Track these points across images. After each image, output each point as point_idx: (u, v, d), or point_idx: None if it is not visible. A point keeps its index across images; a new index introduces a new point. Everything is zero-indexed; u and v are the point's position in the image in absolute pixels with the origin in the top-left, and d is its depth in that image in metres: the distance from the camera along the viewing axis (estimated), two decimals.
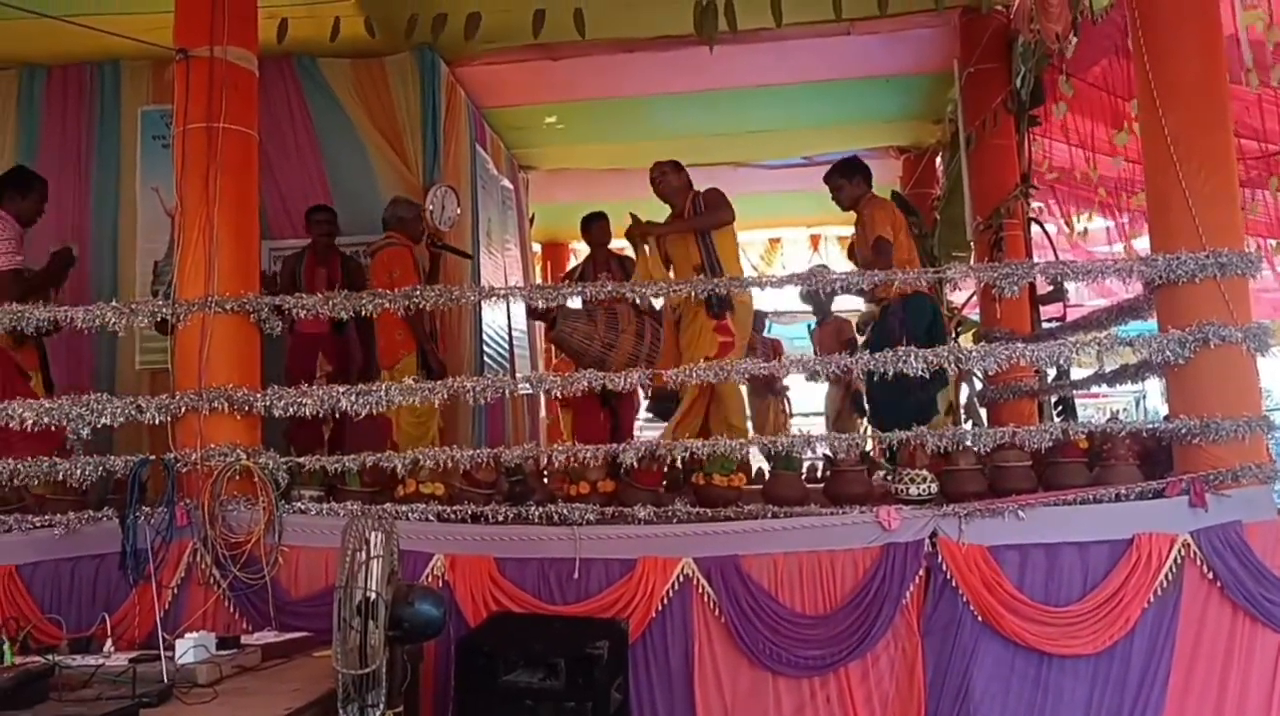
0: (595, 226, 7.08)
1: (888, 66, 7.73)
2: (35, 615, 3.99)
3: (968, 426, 6.34)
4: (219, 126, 4.35)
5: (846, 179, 5.90)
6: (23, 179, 5.47)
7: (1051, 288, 6.28)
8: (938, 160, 9.16)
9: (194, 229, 4.33)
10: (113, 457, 4.27)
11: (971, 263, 6.82)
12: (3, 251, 5.06)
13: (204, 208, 4.31)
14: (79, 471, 4.17)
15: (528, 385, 4.74)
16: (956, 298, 8.25)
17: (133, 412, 4.23)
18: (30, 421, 4.15)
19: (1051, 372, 6.07)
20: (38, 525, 4.20)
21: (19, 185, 5.40)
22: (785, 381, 9.59)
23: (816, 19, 6.00)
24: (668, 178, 5.96)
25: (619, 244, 6.88)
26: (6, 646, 3.11)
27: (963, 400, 7.26)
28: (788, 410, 9.73)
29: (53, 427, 4.21)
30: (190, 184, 4.36)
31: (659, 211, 6.11)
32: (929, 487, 4.22)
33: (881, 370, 4.16)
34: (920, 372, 4.14)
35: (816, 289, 5.00)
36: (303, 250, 6.32)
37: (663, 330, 6.09)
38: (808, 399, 10.30)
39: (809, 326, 9.89)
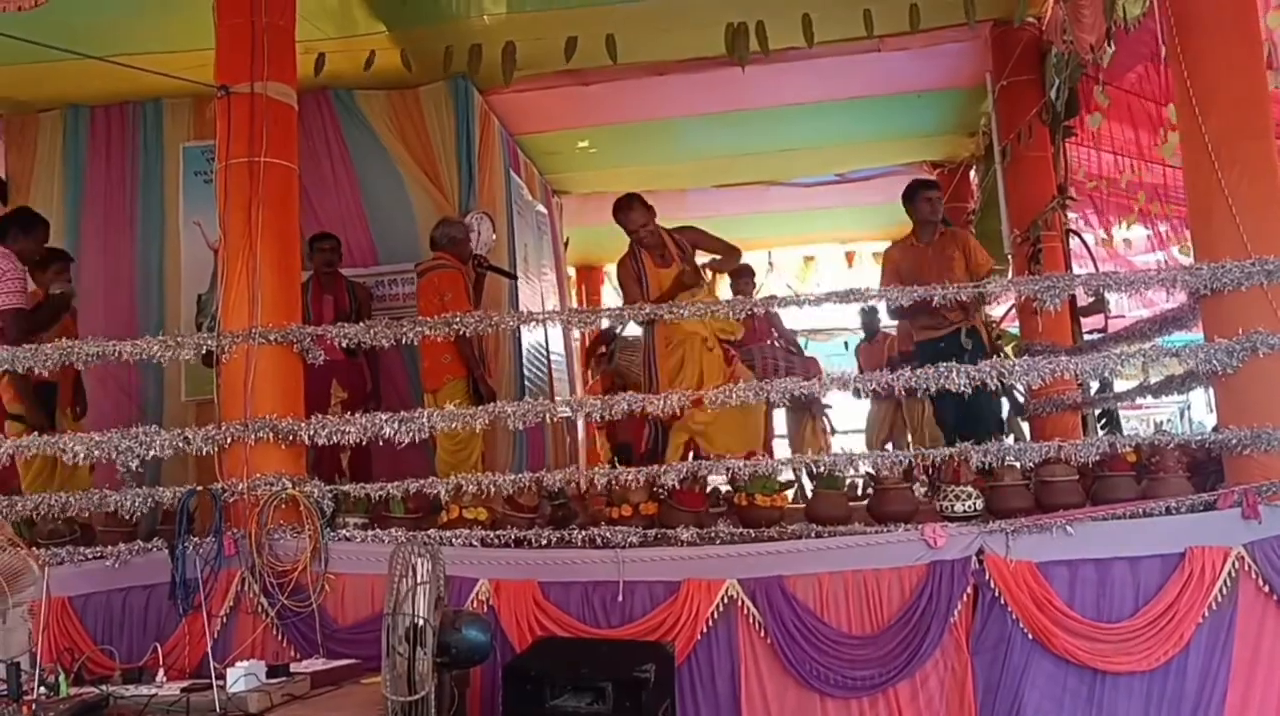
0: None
1: (919, 82, 7.72)
2: (89, 646, 4.05)
3: (1009, 441, 6.29)
4: (260, 161, 4.43)
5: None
6: (27, 218, 5.60)
7: (1092, 299, 6.21)
8: (972, 174, 9.12)
9: (237, 262, 4.40)
10: (161, 489, 4.34)
11: (1010, 276, 6.76)
12: (5, 290, 5.14)
13: (247, 241, 4.38)
14: (129, 503, 4.24)
15: (568, 409, 4.76)
16: (995, 312, 8.18)
17: (180, 444, 4.30)
18: (81, 454, 4.22)
19: (1094, 385, 6.00)
20: (89, 557, 4.28)
21: (23, 224, 5.51)
22: (827, 399, 9.52)
23: (847, 37, 5.99)
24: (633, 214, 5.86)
25: None
26: (62, 677, 3.15)
27: (1003, 414, 7.20)
28: (828, 428, 9.67)
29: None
30: (233, 218, 4.45)
31: None
32: (974, 504, 4.18)
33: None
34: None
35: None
36: (307, 280, 6.37)
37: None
38: (851, 416, 10.21)
39: (847, 343, 9.85)
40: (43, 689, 3.05)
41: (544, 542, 4.19)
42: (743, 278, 8.23)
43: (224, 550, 4.11)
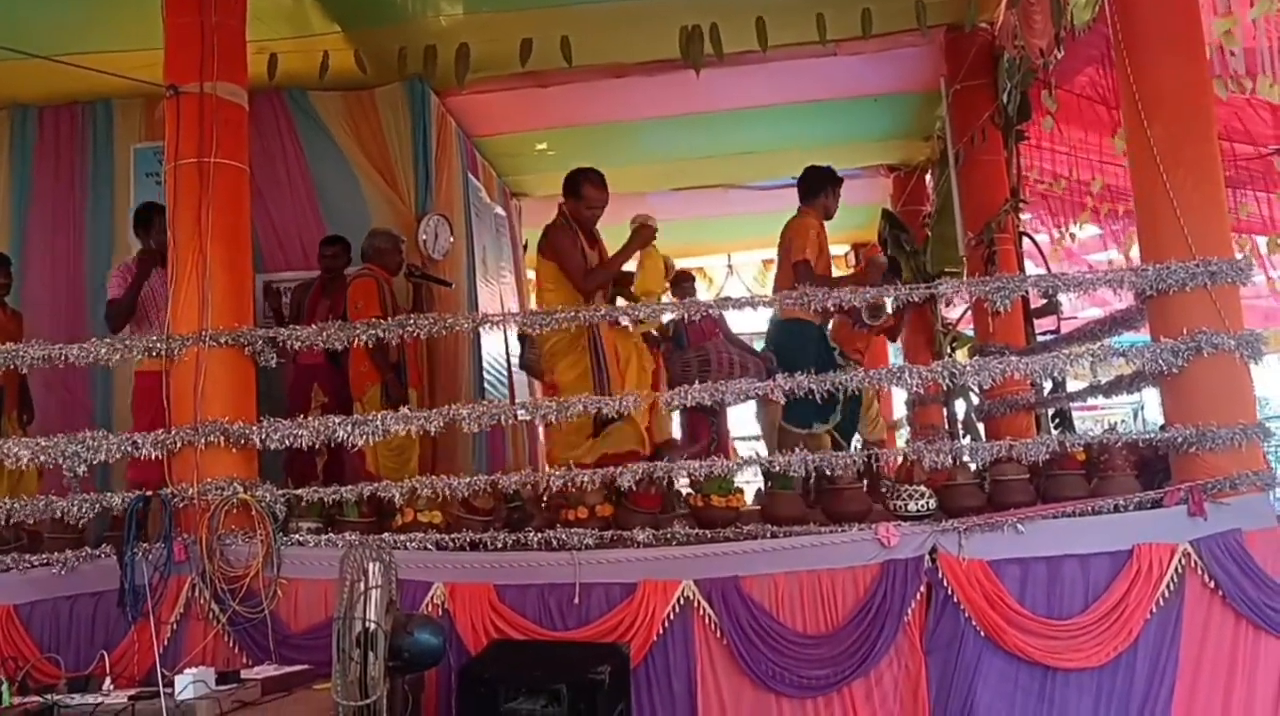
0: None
1: (875, 86, 7.78)
2: (34, 654, 3.97)
3: (966, 441, 6.36)
4: (210, 161, 4.37)
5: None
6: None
7: (1045, 300, 6.30)
8: (928, 177, 9.21)
9: (187, 264, 4.34)
10: (110, 494, 4.27)
11: (964, 278, 6.83)
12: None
13: (196, 242, 4.32)
14: (76, 508, 4.16)
15: (524, 411, 4.75)
16: (951, 313, 8.28)
17: (129, 449, 4.23)
18: (26, 459, 4.14)
19: (1048, 385, 6.08)
20: (36, 564, 4.20)
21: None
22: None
23: (801, 41, 6.03)
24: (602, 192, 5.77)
25: None
26: (5, 687, 3.09)
27: (959, 415, 7.28)
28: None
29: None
30: (182, 219, 4.38)
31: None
32: (927, 503, 4.23)
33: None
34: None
35: None
36: (312, 281, 6.34)
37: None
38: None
39: None
40: None
41: (500, 545, 4.17)
42: (684, 283, 8.20)
43: (174, 556, 4.05)
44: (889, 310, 7.50)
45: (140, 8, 5.11)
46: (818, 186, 5.91)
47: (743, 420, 9.24)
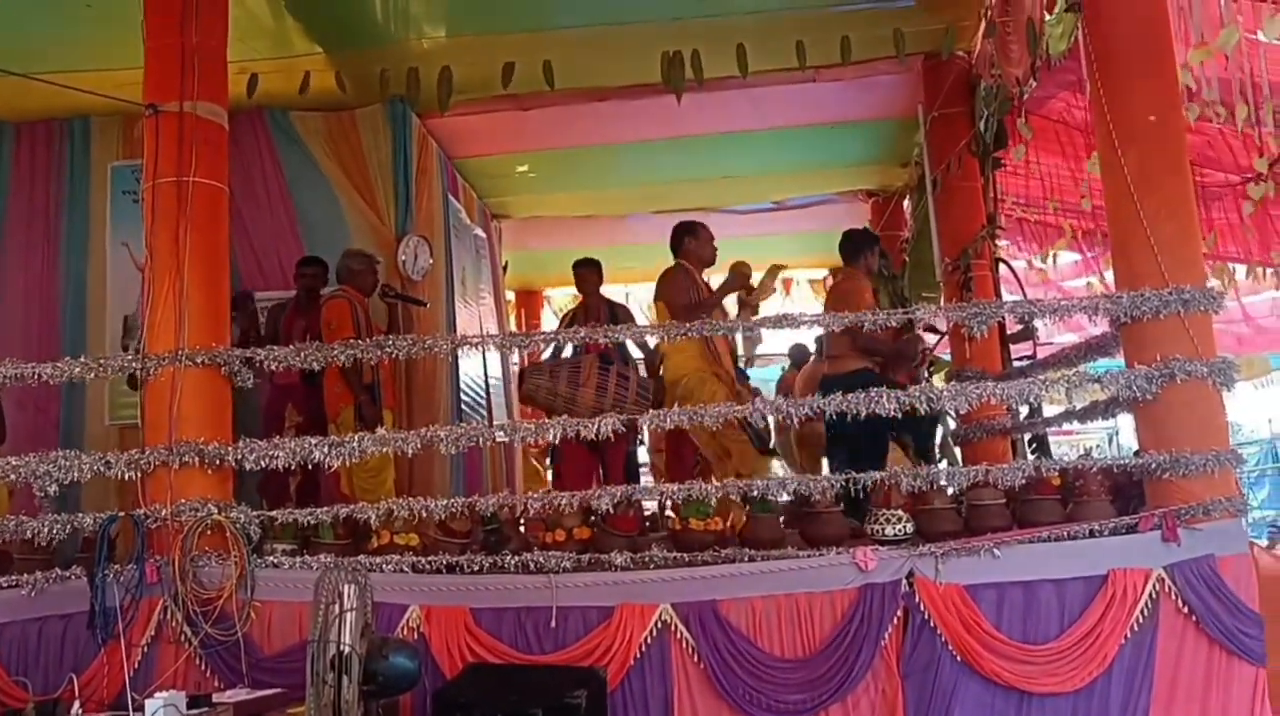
0: (581, 273, 7.08)
1: (853, 112, 7.86)
2: (1, 677, 3.91)
3: (943, 466, 6.38)
4: (189, 180, 4.36)
5: None
6: None
7: (1021, 326, 6.35)
8: (905, 203, 9.29)
9: (164, 283, 4.31)
10: (81, 515, 4.21)
11: (941, 303, 6.89)
12: None
13: (174, 261, 4.30)
14: (46, 529, 4.11)
15: (502, 433, 4.73)
16: (928, 338, 8.32)
17: (100, 468, 4.18)
18: None
19: (1024, 410, 6.12)
20: (4, 585, 4.14)
21: None
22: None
23: (781, 67, 6.08)
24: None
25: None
26: None
27: (937, 440, 7.30)
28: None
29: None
30: (160, 238, 4.36)
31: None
32: (905, 527, 4.23)
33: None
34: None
35: None
36: (288, 301, 6.31)
37: (629, 382, 6.06)
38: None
39: (782, 367, 9.93)
40: None
41: (476, 568, 4.15)
42: None
43: (145, 577, 4.00)
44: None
45: (120, 27, 5.09)
46: (862, 246, 6.09)
47: None
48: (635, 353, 6.98)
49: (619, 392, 6.08)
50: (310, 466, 4.41)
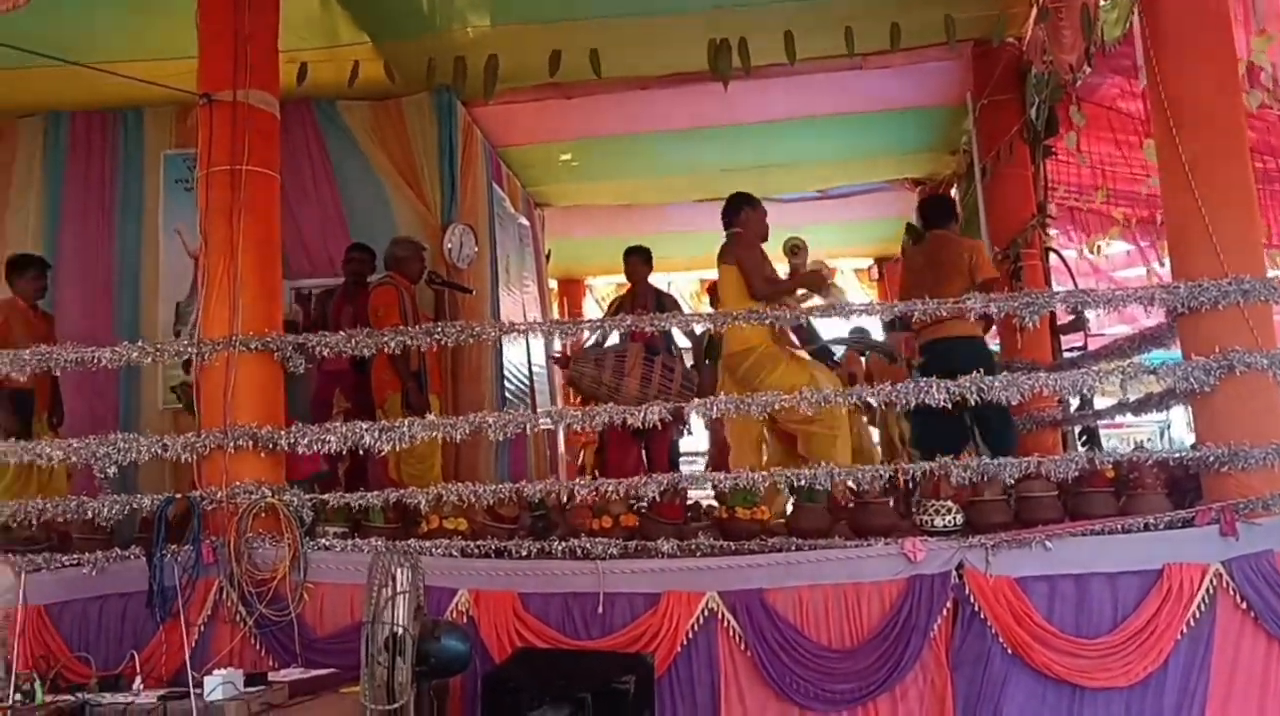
0: (631, 261, 7.10)
1: (901, 99, 7.78)
2: (64, 654, 4.00)
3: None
4: (242, 169, 4.42)
5: None
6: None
7: (1072, 316, 6.27)
8: (953, 191, 9.19)
9: (218, 269, 4.38)
10: (140, 496, 4.30)
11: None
12: None
13: (228, 249, 4.36)
14: (106, 509, 4.20)
15: (548, 420, 4.76)
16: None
17: (158, 450, 4.26)
18: (58, 459, 4.19)
19: (1074, 402, 6.05)
20: (66, 564, 4.24)
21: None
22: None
23: (829, 54, 6.04)
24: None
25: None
26: (38, 685, 3.12)
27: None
28: None
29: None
30: (214, 226, 4.43)
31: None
32: (954, 518, 4.20)
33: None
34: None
35: None
36: (336, 288, 6.38)
37: (674, 373, 6.07)
38: None
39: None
40: (18, 695, 3.01)
41: (524, 553, 4.18)
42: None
43: (202, 558, 4.07)
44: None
45: (174, 17, 5.17)
46: (953, 209, 6.08)
47: None
48: (682, 342, 6.96)
49: (664, 383, 6.10)
50: (360, 451, 4.46)
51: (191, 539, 4.09)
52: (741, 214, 5.61)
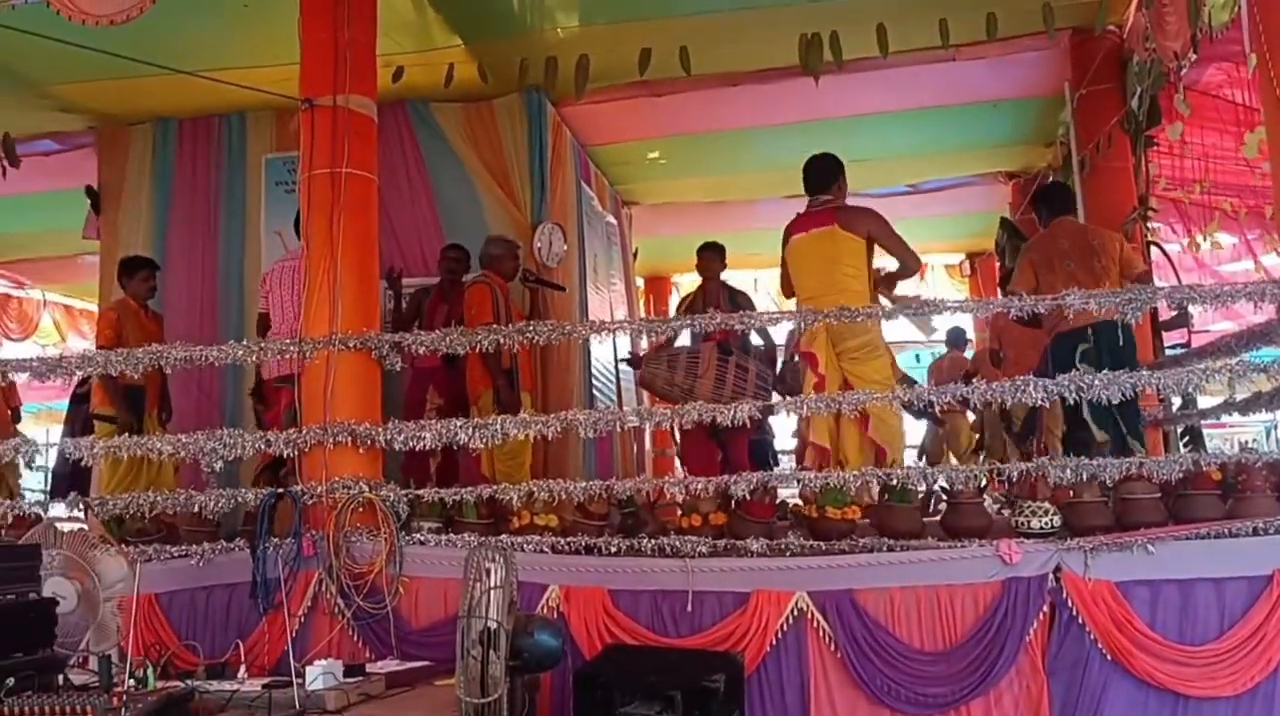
0: (705, 257, 7.07)
1: (995, 91, 7.62)
2: (173, 642, 4.17)
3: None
4: (342, 171, 4.54)
5: None
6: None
7: (1175, 313, 6.06)
8: None
9: (319, 270, 4.51)
10: (245, 490, 4.45)
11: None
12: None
13: (328, 249, 4.49)
14: (213, 503, 4.37)
15: (636, 418, 4.79)
16: None
17: (261, 446, 4.41)
18: (168, 453, 4.37)
19: (1177, 401, 5.85)
20: (175, 555, 4.41)
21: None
22: None
23: (922, 46, 5.94)
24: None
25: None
26: (150, 671, 3.25)
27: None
28: None
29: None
30: (315, 227, 4.56)
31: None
32: (1051, 520, 4.10)
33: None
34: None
35: None
36: (431, 287, 6.51)
37: (749, 373, 6.00)
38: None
39: (918, 356, 9.76)
40: (132, 681, 3.15)
41: (614, 550, 4.22)
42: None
43: (303, 551, 4.20)
44: None
45: (272, 25, 5.36)
46: (1072, 198, 5.98)
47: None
48: (755, 340, 6.87)
49: (738, 384, 6.03)
50: (454, 447, 4.55)
51: (293, 532, 4.21)
52: (840, 180, 5.34)
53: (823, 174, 5.31)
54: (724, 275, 7.13)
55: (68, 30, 4.55)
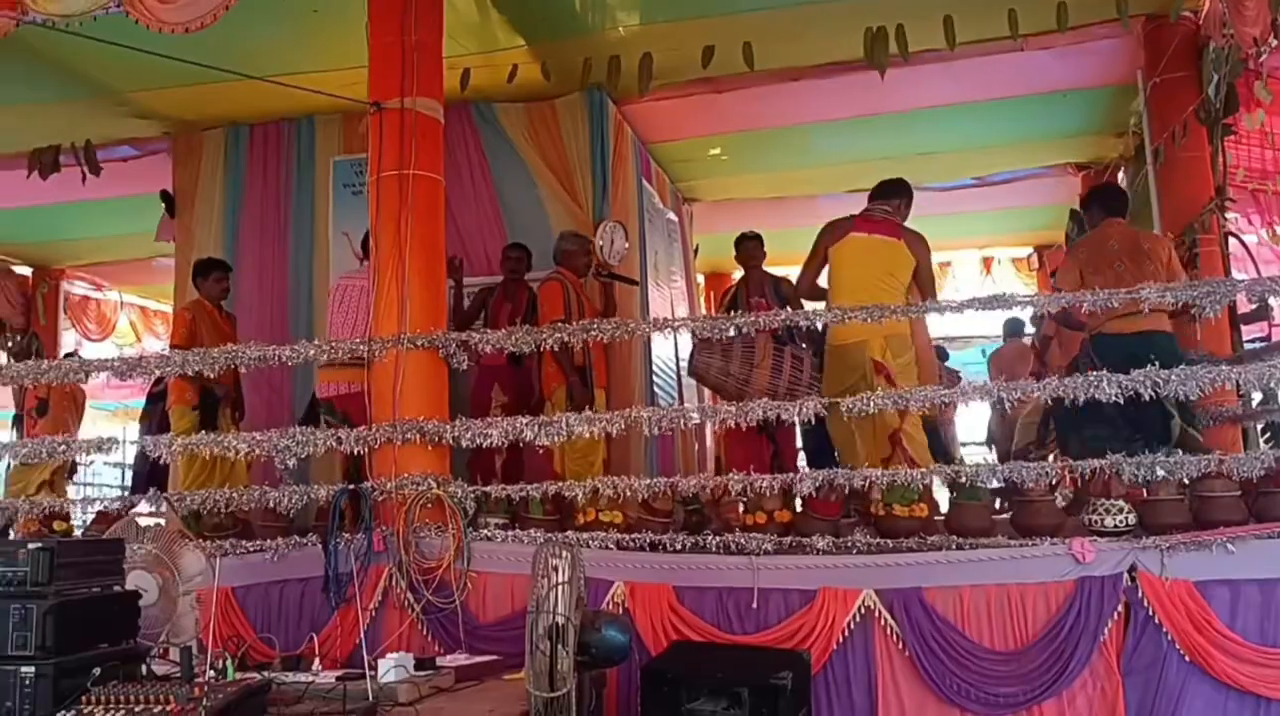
0: (748, 247, 6.98)
1: (1064, 80, 7.45)
2: (249, 634, 4.27)
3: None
4: (410, 173, 4.60)
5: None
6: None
7: (1255, 306, 5.89)
8: (1120, 175, 8.75)
9: (387, 270, 4.58)
10: (317, 486, 4.55)
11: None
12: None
13: (396, 250, 4.56)
14: (287, 499, 4.46)
15: (698, 415, 4.79)
16: None
17: (332, 443, 4.50)
18: (244, 451, 4.48)
19: (1257, 397, 5.68)
20: (250, 550, 4.52)
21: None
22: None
23: (989, 37, 5.84)
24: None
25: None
26: (229, 662, 3.34)
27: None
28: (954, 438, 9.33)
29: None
30: (384, 228, 4.63)
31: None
32: (1126, 518, 4.01)
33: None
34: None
35: None
36: (495, 286, 6.57)
37: (804, 363, 5.94)
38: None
39: (984, 350, 9.60)
40: (211, 672, 3.23)
41: (679, 547, 4.22)
42: None
43: (373, 546, 4.27)
44: None
45: (340, 29, 5.44)
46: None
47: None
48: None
49: (794, 374, 5.92)
50: (520, 444, 4.59)
51: (364, 528, 4.29)
52: (907, 200, 5.44)
53: (895, 187, 5.46)
54: (783, 269, 7.08)
55: (145, 39, 4.69)
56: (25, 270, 11.02)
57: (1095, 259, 5.32)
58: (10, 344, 10.59)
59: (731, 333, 6.82)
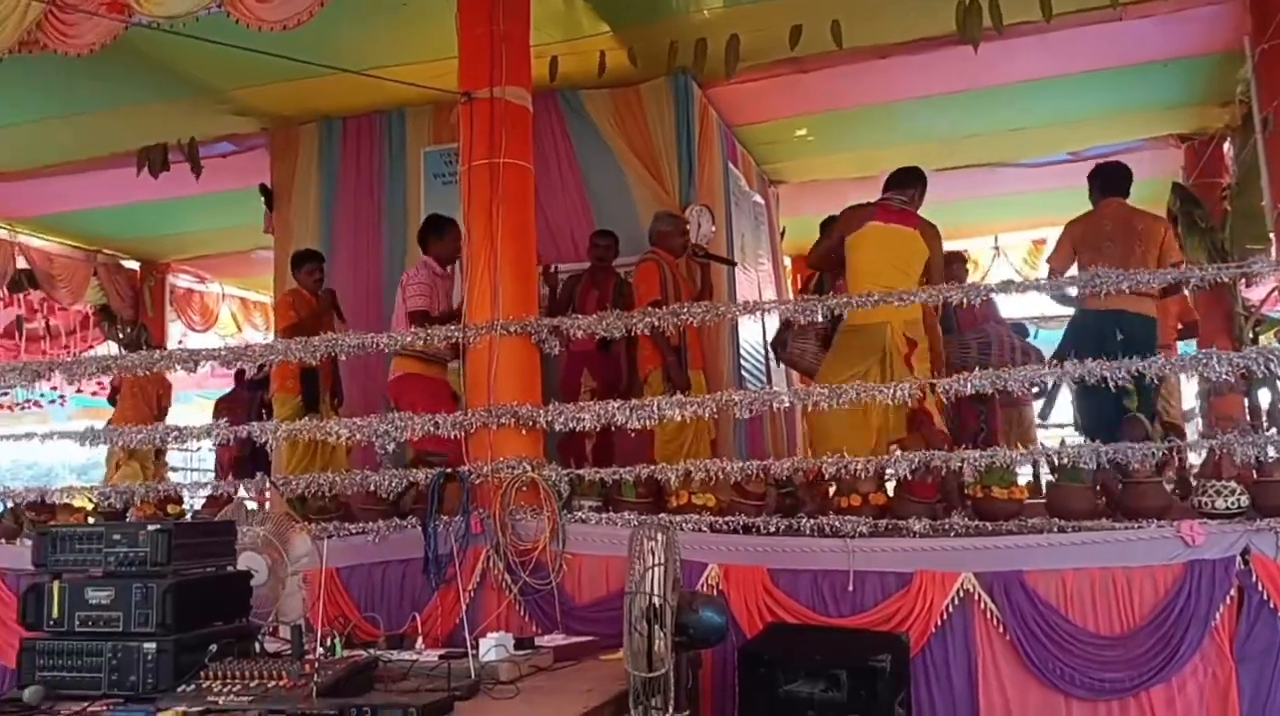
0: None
1: (1165, 49, 7.18)
2: (354, 613, 4.40)
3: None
4: (500, 162, 4.66)
5: None
6: (436, 224, 6.17)
7: None
8: (1226, 146, 8.42)
9: (480, 258, 4.66)
10: (415, 470, 4.65)
11: (1274, 255, 6.22)
12: (414, 293, 5.75)
13: (489, 238, 4.63)
14: (387, 482, 4.58)
15: (788, 398, 4.76)
16: (1254, 294, 7.56)
17: (430, 428, 4.59)
18: (345, 437, 4.61)
19: None
20: (353, 532, 4.65)
21: (435, 230, 6.11)
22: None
23: (1086, 7, 5.66)
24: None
25: None
26: (337, 640, 3.44)
27: (1264, 405, 6.63)
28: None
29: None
30: (476, 217, 4.71)
31: None
32: (1238, 500, 3.88)
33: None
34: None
35: None
36: (582, 273, 6.63)
37: None
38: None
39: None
40: (320, 650, 3.34)
41: (772, 530, 4.22)
42: (953, 264, 7.84)
43: (471, 528, 4.36)
44: None
45: (426, 23, 5.53)
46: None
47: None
48: None
49: None
50: (612, 428, 4.63)
51: (462, 511, 4.38)
52: (921, 189, 5.54)
53: (911, 175, 5.55)
54: None
55: (244, 37, 4.84)
56: (133, 264, 11.48)
57: (1088, 237, 5.49)
58: (121, 335, 11.07)
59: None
